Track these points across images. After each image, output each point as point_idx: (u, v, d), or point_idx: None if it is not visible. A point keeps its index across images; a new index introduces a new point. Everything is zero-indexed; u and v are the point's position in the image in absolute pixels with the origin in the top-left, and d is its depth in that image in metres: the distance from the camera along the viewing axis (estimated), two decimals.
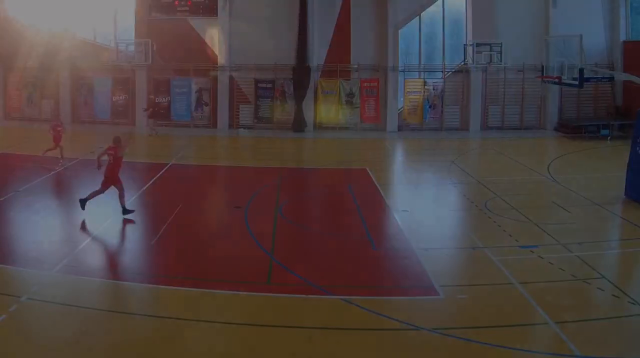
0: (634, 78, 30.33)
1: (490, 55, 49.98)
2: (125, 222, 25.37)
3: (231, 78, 52.02)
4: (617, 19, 51.70)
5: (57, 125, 36.05)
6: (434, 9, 53.30)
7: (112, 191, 25.92)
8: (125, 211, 25.71)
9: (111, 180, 25.90)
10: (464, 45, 52.19)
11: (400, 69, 52.23)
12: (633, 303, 17.89)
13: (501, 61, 50.08)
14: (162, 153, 37.10)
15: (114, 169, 25.91)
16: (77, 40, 52.43)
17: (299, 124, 50.06)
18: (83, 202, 25.80)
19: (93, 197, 25.87)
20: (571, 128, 50.01)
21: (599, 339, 15.93)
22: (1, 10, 52.19)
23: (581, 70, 32.13)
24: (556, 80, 35.32)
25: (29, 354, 14.77)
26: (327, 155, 40.37)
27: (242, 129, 51.25)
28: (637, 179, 29.11)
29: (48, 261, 20.67)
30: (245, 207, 27.58)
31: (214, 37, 52.15)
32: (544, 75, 38.35)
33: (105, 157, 26.25)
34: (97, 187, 26.02)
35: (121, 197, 25.91)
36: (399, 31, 52.10)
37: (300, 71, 50.67)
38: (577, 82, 32.80)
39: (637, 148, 29.17)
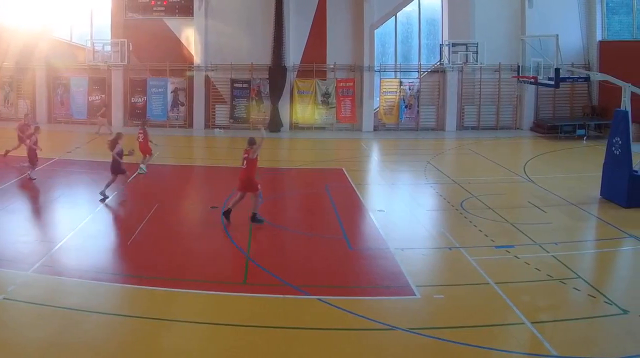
0: (609, 78, 30.39)
1: (466, 55, 49.92)
2: (102, 223, 25.27)
3: (207, 78, 51.98)
4: (593, 19, 51.79)
5: (24, 126, 35.70)
6: (410, 9, 53.45)
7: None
8: (255, 219, 25.14)
9: (246, 184, 25.33)
10: (440, 45, 52.11)
11: (376, 69, 52.32)
12: (609, 303, 18.01)
13: (477, 61, 50.03)
14: (137, 153, 36.96)
15: (249, 173, 25.34)
16: (54, 40, 52.21)
17: (274, 124, 50.01)
18: (227, 214, 25.33)
19: (235, 205, 25.39)
20: (547, 128, 50.19)
21: (575, 339, 16.01)
22: None
23: (557, 70, 32.20)
24: (532, 80, 35.38)
25: (5, 354, 14.74)
26: (303, 155, 40.33)
27: (217, 129, 51.10)
28: (613, 178, 29.30)
29: (25, 261, 20.66)
30: (222, 207, 27.49)
31: (190, 37, 52.08)
32: (520, 75, 38.41)
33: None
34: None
35: (255, 205, 25.28)
36: (375, 31, 52.15)
37: (276, 71, 50.68)
38: (553, 82, 32.86)
39: (613, 148, 29.33)
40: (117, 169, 29.31)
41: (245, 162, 25.15)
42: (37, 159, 32.34)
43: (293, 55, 51.69)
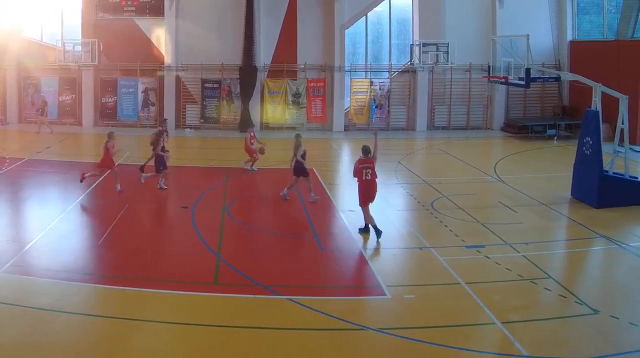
0: (580, 78, 30.49)
1: (437, 55, 50.00)
2: (73, 223, 25.14)
3: (178, 78, 51.87)
4: (564, 19, 51.96)
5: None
6: (380, 9, 53.44)
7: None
8: (377, 232, 24.01)
9: (370, 195, 24.26)
10: (411, 45, 52.28)
11: (346, 69, 52.34)
12: (580, 303, 18.16)
13: (448, 61, 50.13)
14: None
15: (373, 185, 24.25)
16: (24, 40, 51.92)
17: (245, 124, 49.52)
18: (377, 231, 24.11)
19: (372, 221, 24.23)
20: (518, 128, 50.36)
21: (545, 339, 16.10)
22: None
23: (528, 70, 32.26)
24: (503, 80, 35.44)
25: None
26: (273, 156, 40.24)
27: (188, 129, 51.15)
28: (583, 179, 29.43)
29: None
30: (192, 207, 27.54)
31: (161, 37, 51.96)
32: (491, 75, 38.58)
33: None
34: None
35: (369, 218, 24.37)
36: (346, 31, 52.14)
37: (247, 71, 50.69)
38: (523, 82, 32.90)
39: (584, 148, 29.46)
40: (162, 163, 30.68)
41: (370, 173, 23.99)
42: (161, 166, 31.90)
43: (263, 55, 51.72)
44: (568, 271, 22.02)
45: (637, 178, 30.18)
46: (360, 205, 24.18)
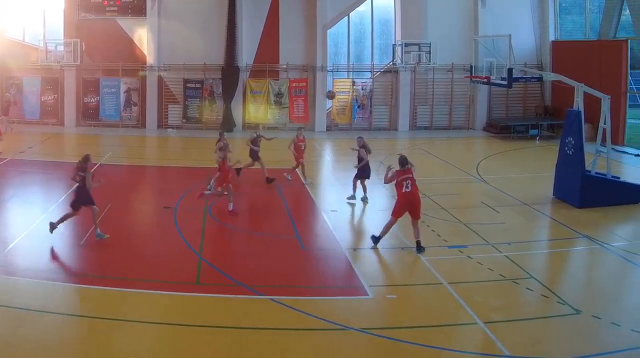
0: (562, 78, 30.53)
1: (419, 55, 50.07)
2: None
3: (160, 78, 51.79)
4: (546, 19, 52.12)
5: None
6: (362, 9, 53.51)
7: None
8: (419, 248, 22.95)
9: (414, 208, 23.18)
10: (393, 45, 52.22)
11: (328, 69, 52.37)
12: (562, 303, 18.21)
13: (430, 61, 50.19)
14: (90, 153, 36.71)
15: (415, 197, 23.26)
16: (6, 40, 51.76)
17: (227, 124, 49.89)
18: (419, 246, 23.06)
19: (419, 236, 23.11)
20: (500, 128, 50.53)
21: (528, 339, 16.15)
22: None
23: (510, 70, 32.24)
24: (485, 80, 35.38)
25: None
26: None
27: (170, 129, 51.10)
28: (565, 179, 29.48)
29: None
30: (175, 207, 27.55)
31: (143, 37, 51.86)
32: (473, 75, 38.48)
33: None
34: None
35: (417, 231, 23.41)
36: (328, 31, 52.19)
37: (229, 71, 50.78)
38: (505, 82, 32.84)
39: (566, 148, 29.49)
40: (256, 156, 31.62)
41: (410, 184, 23.11)
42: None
43: (246, 56, 51.71)
44: (550, 271, 22.02)
45: (619, 178, 30.37)
46: (392, 215, 23.42)
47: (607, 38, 45.77)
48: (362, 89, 52.47)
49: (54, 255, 22.04)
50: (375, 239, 23.22)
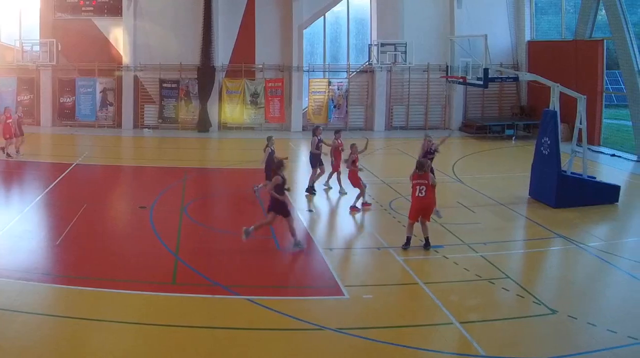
0: (538, 78, 30.60)
1: (395, 55, 50.23)
2: (31, 223, 24.97)
3: (136, 78, 51.70)
4: (522, 19, 52.38)
5: (7, 118, 35.42)
6: (338, 9, 53.62)
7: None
8: (427, 244, 23.13)
9: (426, 212, 23.15)
10: (369, 45, 52.41)
11: (304, 69, 52.44)
12: (538, 303, 18.25)
13: (406, 61, 50.34)
14: (66, 153, 36.77)
15: (428, 201, 23.13)
16: None
17: (203, 124, 50.04)
18: (427, 243, 23.14)
19: (427, 233, 23.08)
20: (476, 128, 50.70)
21: (504, 339, 16.21)
22: None
23: (486, 70, 32.28)
24: (461, 80, 35.47)
25: None
26: (231, 155, 40.20)
27: (146, 129, 51.04)
28: (541, 179, 29.60)
29: None
30: (151, 207, 27.53)
31: (119, 37, 51.71)
32: (449, 75, 38.57)
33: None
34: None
35: (425, 229, 23.33)
36: (304, 31, 52.28)
37: (205, 71, 50.72)
38: (481, 82, 32.90)
39: (542, 148, 29.58)
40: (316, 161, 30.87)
41: (425, 189, 22.74)
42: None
43: (222, 56, 51.70)
44: (526, 271, 22.09)
45: (595, 178, 30.48)
46: (409, 218, 23.28)
47: (583, 38, 45.94)
48: (338, 89, 52.52)
49: (29, 255, 21.89)
50: (406, 243, 22.91)
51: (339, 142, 31.59)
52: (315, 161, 31.35)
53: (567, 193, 28.66)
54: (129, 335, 16.16)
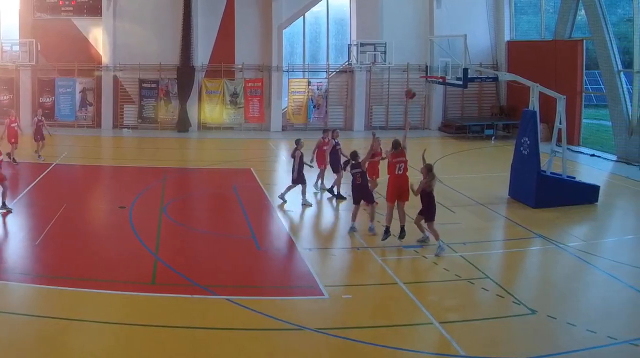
0: (518, 78, 30.67)
1: (375, 55, 50.49)
2: (10, 223, 24.91)
3: (115, 78, 51.61)
4: (502, 19, 52.67)
5: (11, 121, 35.25)
6: (318, 9, 53.71)
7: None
8: (402, 233, 23.58)
9: (404, 190, 23.74)
10: (348, 45, 52.59)
11: (284, 69, 52.52)
12: (517, 303, 18.30)
13: (385, 61, 50.64)
14: (46, 153, 36.58)
15: (405, 180, 23.95)
16: None
17: (183, 124, 50.12)
18: (403, 231, 23.70)
19: (404, 221, 23.71)
20: (455, 128, 50.86)
21: (483, 339, 16.23)
22: None
23: (465, 70, 32.32)
24: (440, 80, 35.48)
25: None
26: (211, 155, 40.23)
27: (126, 129, 50.94)
28: (521, 179, 29.67)
29: None
30: (130, 207, 27.53)
31: (98, 37, 51.67)
32: (428, 75, 38.55)
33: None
34: None
35: (402, 215, 23.77)
36: (284, 31, 52.35)
37: (185, 71, 50.76)
38: (461, 82, 32.98)
39: (521, 148, 29.65)
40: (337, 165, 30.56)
41: (403, 167, 23.86)
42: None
43: (201, 55, 51.75)
44: (506, 271, 22.15)
45: (574, 178, 30.62)
46: (387, 200, 23.84)
47: (562, 38, 46.14)
48: (318, 89, 52.64)
49: (8, 255, 21.94)
50: (386, 232, 23.31)
51: (325, 141, 31.72)
52: (337, 165, 31.01)
53: (547, 193, 28.73)
54: (109, 335, 16.11)
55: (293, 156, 29.04)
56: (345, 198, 30.11)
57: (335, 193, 30.71)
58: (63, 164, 35.31)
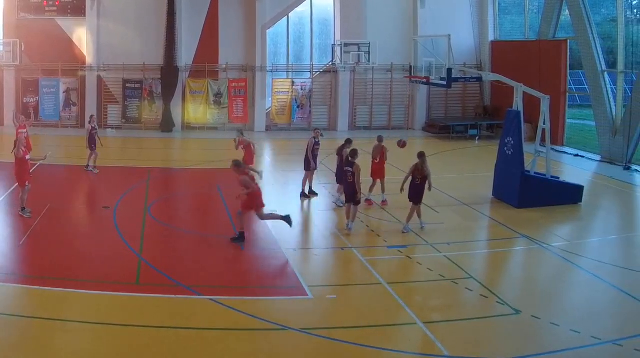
0: (502, 78, 30.69)
1: (359, 55, 50.49)
2: None
3: (99, 78, 51.48)
4: (486, 19, 52.77)
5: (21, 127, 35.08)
6: (302, 9, 53.77)
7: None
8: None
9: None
10: (332, 45, 52.58)
11: (268, 69, 52.54)
12: (501, 304, 18.37)
13: (369, 61, 50.63)
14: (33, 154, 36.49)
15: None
16: None
17: (167, 124, 50.08)
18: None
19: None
20: (439, 128, 50.87)
21: (467, 339, 16.28)
22: None
23: (449, 71, 32.29)
24: (424, 80, 35.43)
25: None
26: (195, 155, 40.19)
27: (110, 129, 50.62)
28: (505, 179, 29.73)
29: None
30: (114, 207, 27.48)
31: (82, 37, 51.56)
32: (412, 75, 38.49)
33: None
34: None
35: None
36: (267, 31, 52.38)
37: (169, 71, 50.69)
38: (445, 82, 32.95)
39: (505, 148, 29.69)
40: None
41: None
42: None
43: (185, 56, 51.72)
44: (490, 271, 22.25)
45: (558, 178, 30.74)
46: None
47: (546, 38, 46.23)
48: (302, 89, 52.68)
49: None
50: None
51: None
52: (310, 162, 31.00)
53: (531, 193, 28.78)
54: (92, 335, 16.09)
55: (339, 154, 29.48)
56: (316, 194, 30.73)
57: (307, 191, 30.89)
58: (47, 164, 35.07)
